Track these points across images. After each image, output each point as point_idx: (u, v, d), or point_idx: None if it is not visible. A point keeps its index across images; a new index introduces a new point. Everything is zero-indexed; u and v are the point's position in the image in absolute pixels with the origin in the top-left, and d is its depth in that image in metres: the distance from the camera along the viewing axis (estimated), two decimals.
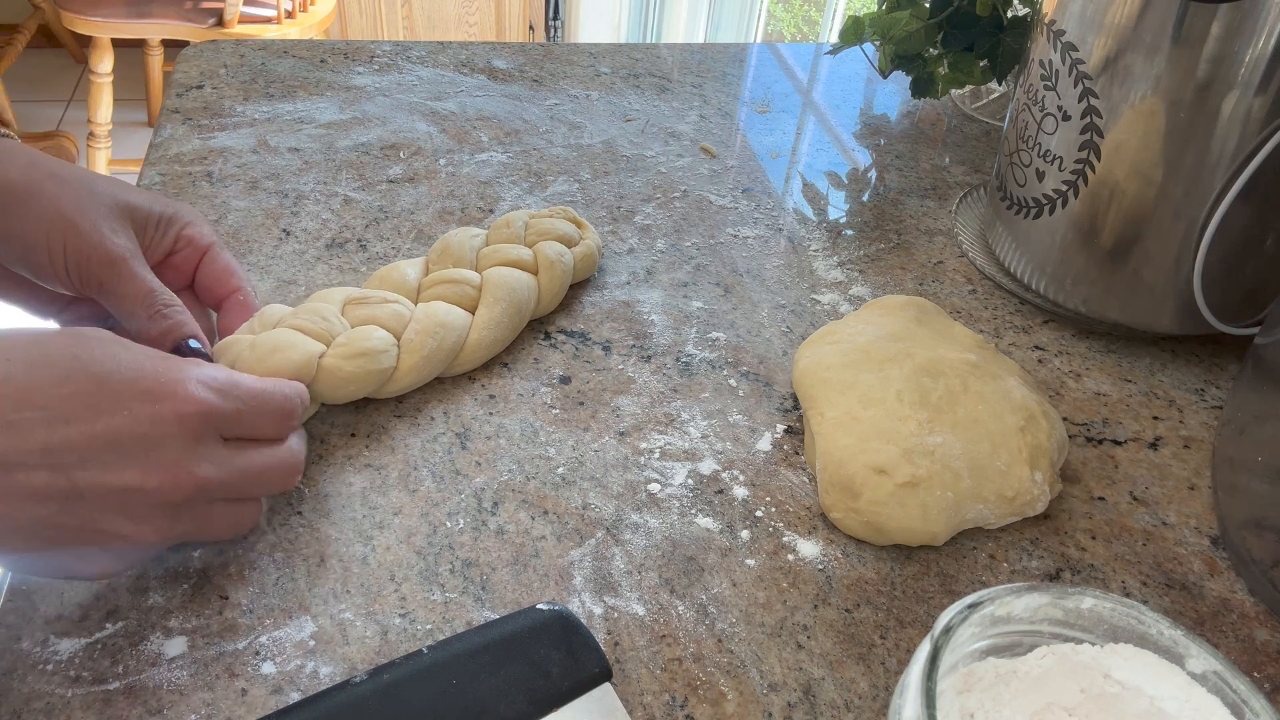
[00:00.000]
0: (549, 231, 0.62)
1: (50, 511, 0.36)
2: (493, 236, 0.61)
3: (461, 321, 0.55)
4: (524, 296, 0.58)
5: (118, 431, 0.37)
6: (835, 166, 0.80)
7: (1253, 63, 0.51)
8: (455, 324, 0.54)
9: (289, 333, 0.49)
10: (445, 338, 0.53)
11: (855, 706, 0.42)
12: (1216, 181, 0.55)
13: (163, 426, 0.38)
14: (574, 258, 0.62)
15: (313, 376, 0.49)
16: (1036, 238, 0.64)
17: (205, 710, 0.39)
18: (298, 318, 0.51)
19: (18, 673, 0.40)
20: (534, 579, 0.45)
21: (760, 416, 0.55)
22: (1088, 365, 0.62)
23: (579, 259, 0.62)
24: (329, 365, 0.49)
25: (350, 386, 0.50)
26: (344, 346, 0.50)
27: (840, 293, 0.66)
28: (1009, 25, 0.78)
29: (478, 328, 0.55)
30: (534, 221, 0.63)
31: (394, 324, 0.53)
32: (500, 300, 0.56)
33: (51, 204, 0.46)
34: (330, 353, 0.50)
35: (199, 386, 0.40)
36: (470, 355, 0.55)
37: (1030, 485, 0.48)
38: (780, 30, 2.83)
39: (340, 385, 0.50)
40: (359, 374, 0.50)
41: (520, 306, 0.57)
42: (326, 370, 0.49)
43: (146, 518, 0.38)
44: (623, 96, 0.87)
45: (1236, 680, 0.33)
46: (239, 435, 0.42)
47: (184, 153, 0.72)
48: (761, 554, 0.48)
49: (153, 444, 0.38)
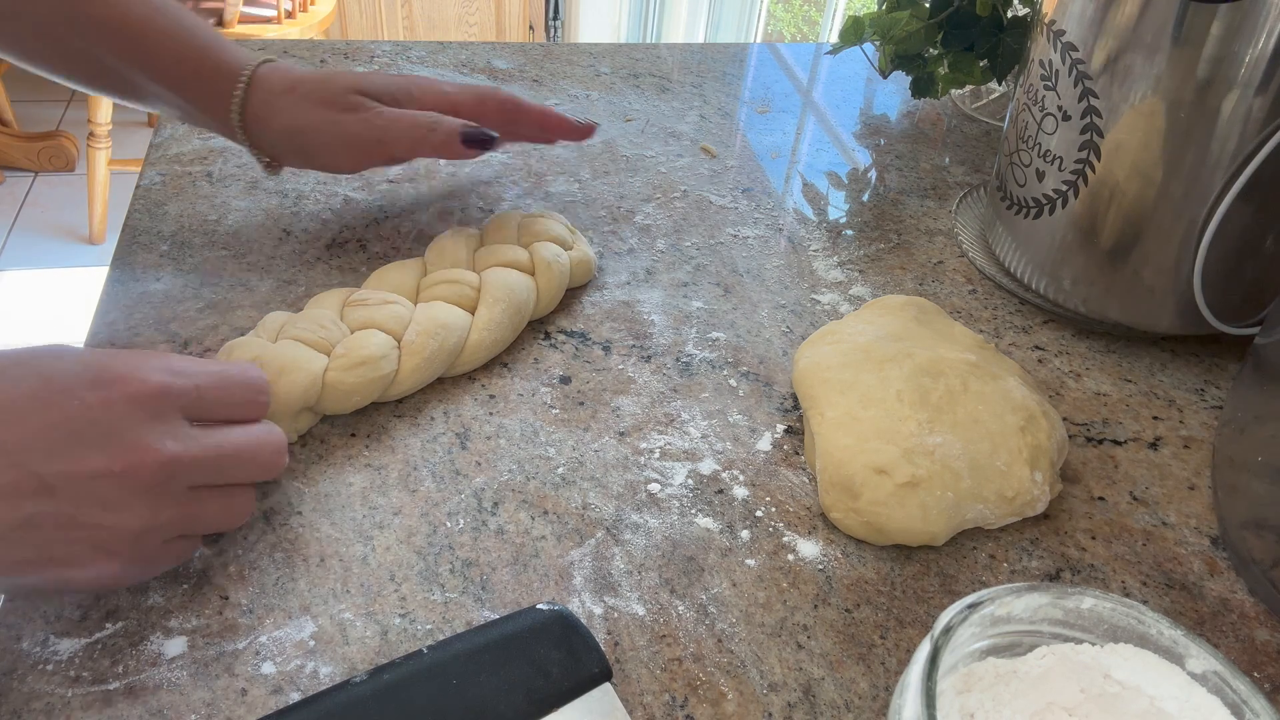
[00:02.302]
0: (543, 233, 0.62)
1: (26, 512, 0.36)
2: (488, 237, 0.61)
3: (462, 322, 0.54)
4: (523, 298, 0.57)
5: (73, 420, 0.37)
6: (835, 166, 0.80)
7: (1253, 63, 0.51)
8: (456, 324, 0.54)
9: (293, 347, 0.50)
10: (446, 339, 0.53)
11: (855, 706, 0.42)
12: (1216, 181, 0.55)
13: (116, 409, 0.38)
14: (570, 261, 0.61)
15: (318, 395, 0.49)
16: (1036, 238, 0.64)
17: (205, 710, 0.39)
18: (297, 326, 0.51)
19: (18, 673, 0.40)
20: (534, 579, 0.45)
21: (760, 416, 0.55)
22: (1088, 365, 0.62)
23: (575, 263, 0.62)
24: (332, 380, 0.49)
25: (354, 398, 0.51)
26: (344, 358, 0.50)
27: (840, 293, 0.66)
28: (1009, 25, 0.78)
29: (478, 328, 0.55)
30: (527, 222, 0.62)
31: (393, 325, 0.53)
32: (500, 300, 0.56)
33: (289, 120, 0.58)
34: (332, 365, 0.50)
35: (151, 370, 0.40)
36: (471, 356, 0.55)
37: (1030, 485, 0.48)
38: (780, 30, 2.83)
39: (344, 398, 0.50)
40: (361, 384, 0.50)
41: (520, 307, 0.57)
42: (330, 386, 0.50)
43: (124, 505, 0.38)
44: (623, 96, 0.87)
45: (1236, 680, 0.33)
46: (206, 416, 0.42)
47: (184, 153, 0.72)
48: (761, 554, 0.48)
49: (109, 427, 0.38)
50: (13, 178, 2.43)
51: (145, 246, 0.63)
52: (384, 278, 0.57)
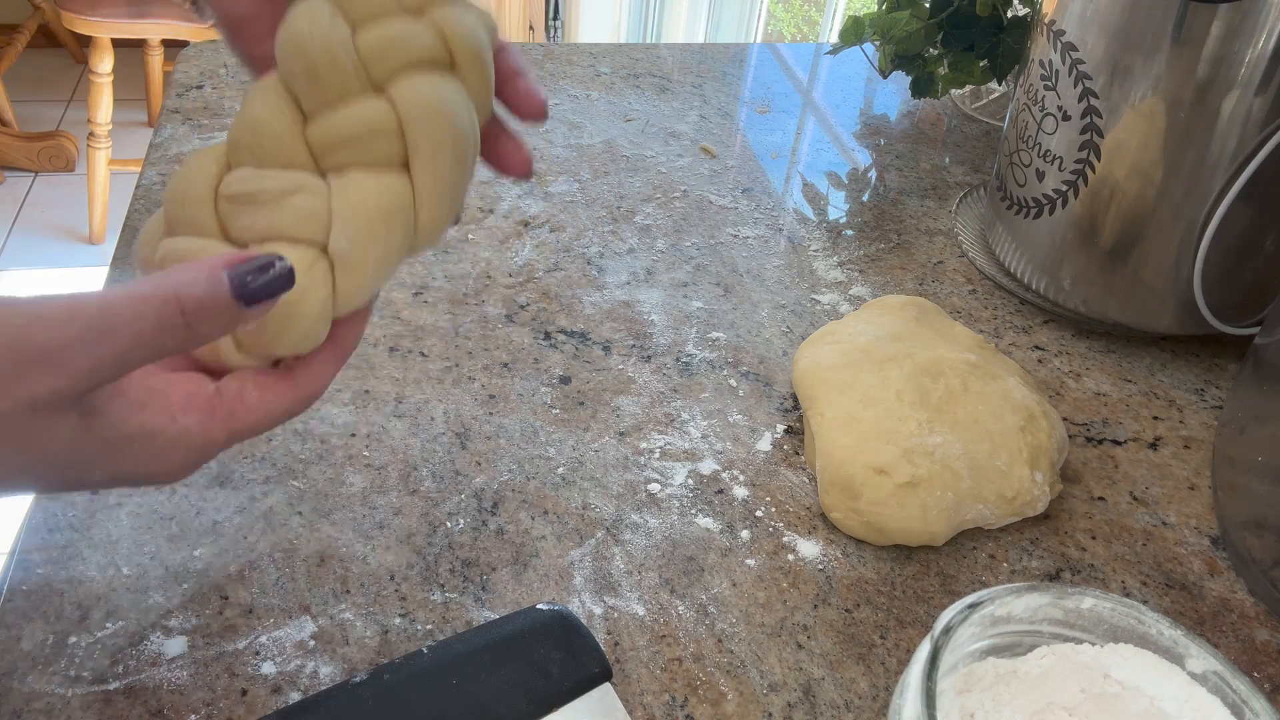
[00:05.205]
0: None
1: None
2: (354, 5, 0.35)
3: (403, 199, 0.36)
4: (466, 123, 0.36)
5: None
6: (835, 166, 0.80)
7: (1253, 63, 0.51)
8: (398, 205, 0.35)
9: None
10: (392, 234, 0.35)
11: (855, 706, 0.42)
12: (1216, 181, 0.55)
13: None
14: (486, 33, 0.38)
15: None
16: (1036, 238, 0.64)
17: (205, 710, 0.39)
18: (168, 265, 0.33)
19: (18, 673, 0.40)
20: (534, 579, 0.45)
21: (760, 416, 0.55)
22: (1088, 365, 0.62)
23: (486, 30, 0.38)
24: (233, 360, 0.35)
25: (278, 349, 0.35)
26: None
27: (840, 293, 0.66)
28: (1009, 25, 0.78)
29: (426, 201, 0.36)
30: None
31: (308, 231, 0.34)
32: (443, 144, 0.36)
33: None
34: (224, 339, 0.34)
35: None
36: (426, 240, 0.37)
37: (1030, 485, 0.48)
38: (780, 30, 2.83)
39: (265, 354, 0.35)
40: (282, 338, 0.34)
41: (465, 139, 0.36)
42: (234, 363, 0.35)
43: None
44: (623, 96, 0.87)
45: (1236, 680, 0.33)
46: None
47: (184, 153, 0.72)
48: (761, 554, 0.48)
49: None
50: (13, 178, 2.43)
51: None
52: (247, 136, 0.35)
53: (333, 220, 0.35)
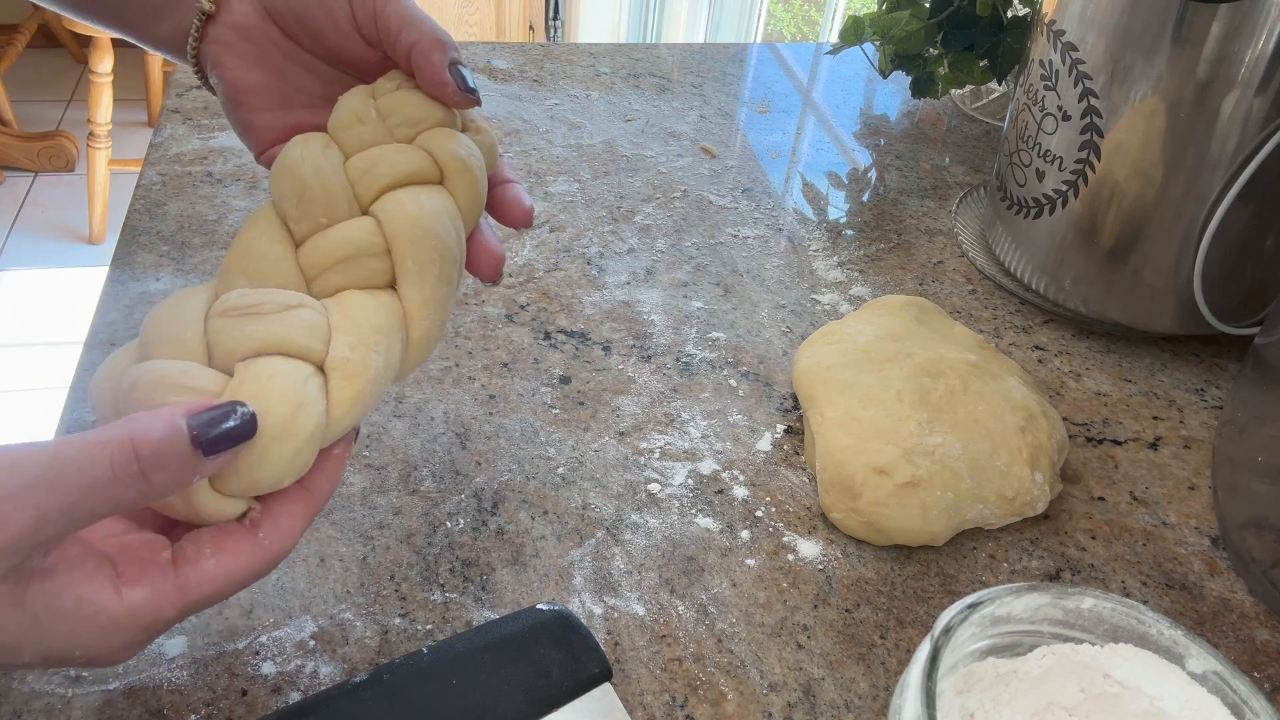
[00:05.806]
0: (423, 119, 0.39)
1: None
2: (347, 140, 0.39)
3: (395, 316, 0.37)
4: (451, 238, 0.38)
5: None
6: (835, 166, 0.80)
7: (1253, 63, 0.51)
8: (390, 322, 0.36)
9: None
10: (391, 347, 0.36)
11: (855, 706, 0.42)
12: (1216, 181, 0.55)
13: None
14: (480, 150, 0.41)
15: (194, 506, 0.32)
16: (1036, 238, 0.64)
17: (205, 710, 0.39)
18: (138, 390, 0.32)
19: (18, 673, 0.39)
20: (534, 579, 0.45)
21: (760, 416, 0.55)
22: (1088, 365, 0.62)
23: (485, 150, 0.41)
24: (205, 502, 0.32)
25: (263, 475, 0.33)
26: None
27: (840, 293, 0.66)
28: (1009, 25, 0.78)
29: (417, 318, 0.37)
30: (386, 104, 0.39)
31: (310, 339, 0.34)
32: (430, 262, 0.37)
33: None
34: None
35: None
36: (416, 357, 0.38)
37: (1030, 485, 0.48)
38: (780, 30, 2.83)
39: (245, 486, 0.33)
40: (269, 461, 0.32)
41: (451, 255, 0.38)
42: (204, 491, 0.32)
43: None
44: (623, 96, 0.87)
45: (1236, 680, 0.33)
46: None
47: (184, 153, 0.72)
48: (761, 554, 0.48)
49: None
50: (13, 178, 2.43)
51: (145, 246, 0.63)
52: (242, 261, 0.36)
53: (333, 333, 0.35)
